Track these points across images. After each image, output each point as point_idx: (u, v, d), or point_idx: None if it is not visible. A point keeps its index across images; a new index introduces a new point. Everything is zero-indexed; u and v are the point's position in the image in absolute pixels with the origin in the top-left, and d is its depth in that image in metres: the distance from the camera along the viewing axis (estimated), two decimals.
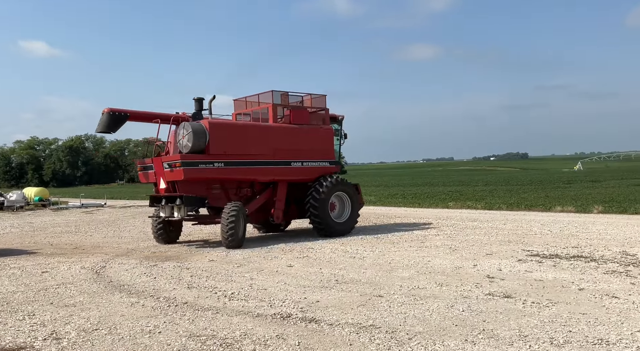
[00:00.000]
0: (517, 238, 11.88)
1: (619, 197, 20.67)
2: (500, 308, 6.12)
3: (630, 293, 6.51)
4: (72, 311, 6.57)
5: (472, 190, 32.07)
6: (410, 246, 11.16)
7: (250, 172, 12.30)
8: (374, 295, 6.97)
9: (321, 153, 13.30)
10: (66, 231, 16.80)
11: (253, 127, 12.61)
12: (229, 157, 11.84)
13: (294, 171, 12.85)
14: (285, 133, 12.83)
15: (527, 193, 27.25)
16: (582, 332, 5.14)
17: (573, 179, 43.73)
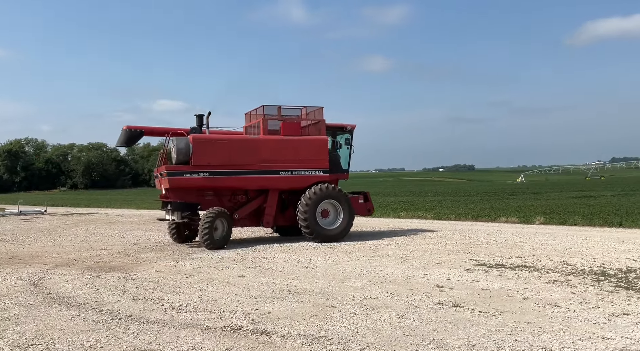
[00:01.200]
0: (465, 248, 12.20)
1: (559, 209, 21.69)
2: (450, 317, 6.23)
3: (571, 302, 6.79)
4: (5, 325, 6.15)
5: (422, 200, 32.80)
6: (363, 256, 11.22)
7: (236, 181, 13.44)
8: (326, 305, 6.93)
9: (313, 162, 13.99)
10: (2, 240, 15.81)
11: (237, 140, 13.70)
12: (213, 168, 13.07)
13: (283, 180, 13.76)
14: (272, 145, 13.79)
15: (473, 203, 28.14)
16: (527, 341, 5.31)
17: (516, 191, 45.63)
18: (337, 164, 14.92)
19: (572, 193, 36.83)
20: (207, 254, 11.92)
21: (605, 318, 6.04)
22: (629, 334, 5.42)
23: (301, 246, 13.16)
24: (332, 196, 13.84)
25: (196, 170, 12.94)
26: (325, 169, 14.09)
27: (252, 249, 12.70)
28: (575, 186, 53.00)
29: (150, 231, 17.89)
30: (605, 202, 25.23)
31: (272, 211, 13.89)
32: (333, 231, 13.83)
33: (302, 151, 13.91)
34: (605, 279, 8.19)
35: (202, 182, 13.06)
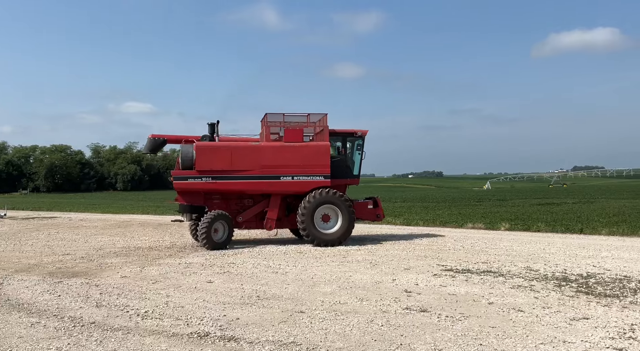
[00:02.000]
0: (433, 253, 12.38)
1: (523, 215, 22.28)
2: (417, 322, 6.31)
3: (534, 307, 6.97)
4: None
5: (392, 206, 33.12)
6: (333, 261, 11.25)
7: (238, 185, 14.22)
8: (295, 310, 6.91)
9: (314, 168, 14.29)
10: None
11: (238, 147, 14.38)
12: (215, 173, 13.95)
13: (284, 184, 14.25)
14: (273, 151, 14.35)
15: (441, 209, 28.60)
16: (492, 345, 5.42)
17: (483, 197, 46.64)
18: (346, 170, 15.10)
19: (536, 200, 37.88)
20: (174, 260, 11.72)
21: (567, 322, 6.23)
22: (589, 338, 5.60)
23: (271, 251, 13.09)
24: (331, 201, 14.12)
25: (199, 175, 13.94)
26: (327, 175, 14.34)
27: (221, 254, 12.56)
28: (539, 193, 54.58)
29: (115, 236, 17.46)
30: (567, 209, 26.05)
31: (274, 215, 14.40)
32: (331, 235, 14.07)
33: (303, 157, 14.31)
34: (567, 284, 8.45)
35: (206, 186, 14.02)
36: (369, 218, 15.21)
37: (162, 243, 15.14)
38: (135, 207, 36.55)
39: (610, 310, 6.74)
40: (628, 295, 7.63)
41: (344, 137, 15.25)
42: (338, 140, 15.17)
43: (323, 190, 14.13)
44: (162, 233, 18.29)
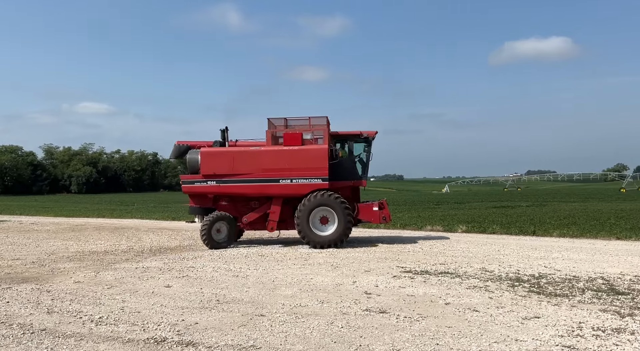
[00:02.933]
0: (392, 255, 12.57)
1: (479, 218, 22.92)
2: (376, 323, 6.39)
3: (489, 307, 7.19)
4: None
5: None
6: (294, 264, 11.24)
7: (240, 188, 14.82)
8: (255, 314, 6.87)
9: (312, 171, 14.52)
10: None
11: (239, 152, 15.04)
12: (219, 177, 14.71)
13: (283, 187, 14.63)
14: (272, 155, 14.82)
15: (402, 212, 29.07)
16: (448, 344, 5.56)
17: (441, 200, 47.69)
18: (351, 171, 15.26)
19: (492, 203, 39.06)
20: (131, 264, 11.42)
21: (519, 321, 6.45)
22: (539, 336, 5.83)
23: (232, 254, 12.96)
24: (326, 203, 14.26)
25: (205, 179, 14.80)
26: (325, 177, 14.44)
27: (180, 258, 12.34)
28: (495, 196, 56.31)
29: (68, 240, 16.85)
30: (521, 212, 26.99)
31: (276, 217, 14.86)
32: (326, 237, 14.23)
33: (301, 160, 14.63)
34: (520, 284, 8.76)
35: (211, 189, 14.86)
36: (374, 221, 15.24)
37: (118, 247, 14.72)
38: (90, 210, 35.39)
39: (560, 309, 7.03)
40: (576, 294, 7.98)
41: (350, 139, 15.43)
42: (344, 142, 15.41)
43: (319, 192, 14.32)
44: (118, 237, 17.79)
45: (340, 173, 14.97)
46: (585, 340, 5.66)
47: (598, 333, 5.87)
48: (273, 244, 15.42)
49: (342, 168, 15.04)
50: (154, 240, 16.66)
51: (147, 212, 32.43)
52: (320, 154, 14.66)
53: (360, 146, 15.52)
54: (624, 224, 18.22)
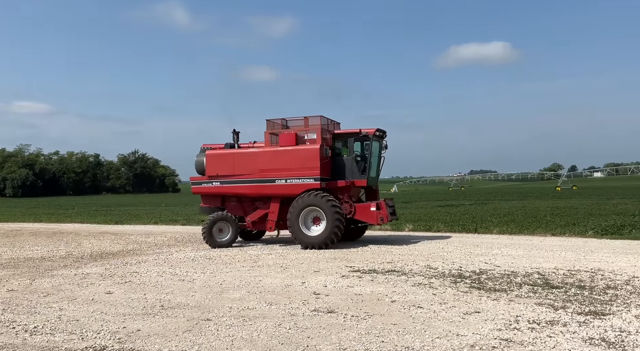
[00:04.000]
0: (342, 255, 12.69)
1: (425, 217, 23.56)
2: (324, 323, 6.43)
3: (432, 303, 7.40)
4: None
5: None
6: (243, 266, 11.12)
7: (241, 188, 15.30)
8: (201, 318, 6.73)
9: (305, 171, 14.45)
10: None
11: (239, 153, 15.53)
12: (222, 178, 15.33)
13: (278, 187, 14.80)
14: (268, 155, 15.06)
15: None
16: (393, 341, 5.67)
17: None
18: (350, 170, 14.91)
19: (437, 202, 40.27)
20: (70, 271, 10.91)
21: (460, 316, 6.68)
22: (479, 330, 6.05)
23: (178, 258, 12.65)
24: (315, 203, 14.13)
25: (210, 180, 15.47)
26: (317, 177, 14.32)
27: (123, 263, 11.91)
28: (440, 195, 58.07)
29: (2, 247, 15.88)
30: (464, 210, 27.98)
31: (274, 217, 15.04)
32: (314, 238, 14.13)
33: (294, 160, 14.64)
34: (462, 280, 9.07)
35: (215, 190, 15.51)
36: (372, 221, 14.82)
37: (56, 253, 14.02)
38: (26, 214, 33.52)
39: (499, 304, 7.34)
40: (514, 289, 8.35)
41: (349, 137, 15.21)
42: (344, 141, 15.28)
43: (307, 193, 14.23)
44: (56, 242, 16.95)
45: (339, 172, 14.85)
46: (522, 332, 5.93)
47: (533, 326, 6.17)
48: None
49: (341, 167, 14.91)
50: (95, 245, 16.01)
51: (88, 216, 31.11)
52: (311, 154, 14.56)
53: (359, 144, 15.29)
54: (558, 221, 19.27)
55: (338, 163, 15.01)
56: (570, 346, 5.41)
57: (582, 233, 16.48)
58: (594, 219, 19.42)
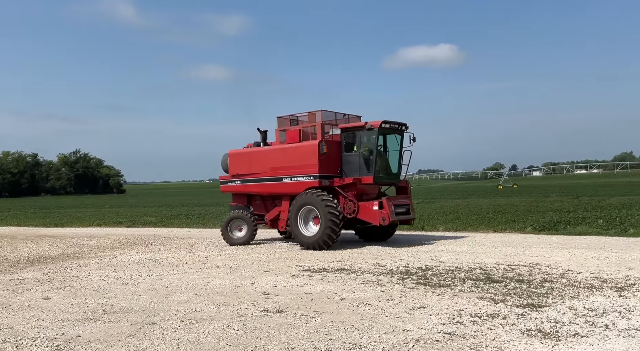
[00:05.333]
0: (292, 255, 12.68)
1: None
2: (273, 323, 6.40)
3: (380, 300, 7.53)
4: None
5: None
6: (191, 268, 10.89)
7: (255, 187, 15.36)
8: (146, 322, 6.54)
9: (306, 168, 14.02)
10: None
11: (253, 152, 15.53)
12: (241, 177, 15.55)
13: (285, 185, 14.51)
14: (275, 154, 14.93)
15: None
16: (341, 339, 5.72)
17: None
18: (355, 167, 14.01)
19: None
20: (4, 276, 10.30)
21: (407, 312, 6.84)
22: (424, 325, 6.22)
23: (122, 261, 12.22)
24: (310, 202, 13.65)
25: (233, 179, 15.78)
26: (315, 175, 13.82)
27: (63, 267, 11.37)
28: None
29: None
30: None
31: (285, 216, 14.63)
32: (309, 238, 13.68)
33: (296, 158, 14.30)
34: (409, 277, 9.29)
35: (237, 188, 15.81)
36: (373, 221, 13.62)
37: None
38: None
39: (443, 299, 7.57)
40: (458, 284, 8.64)
41: (355, 131, 14.16)
42: (351, 135, 14.22)
43: (305, 191, 13.78)
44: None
45: (349, 169, 14.14)
46: (464, 326, 6.14)
47: (475, 319, 6.40)
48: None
49: (350, 163, 14.15)
50: (33, 249, 15.19)
51: (25, 218, 29.51)
52: (310, 150, 13.94)
53: (366, 138, 14.06)
54: (500, 218, 20.11)
55: (347, 159, 14.25)
56: (509, 337, 5.66)
57: (521, 229, 17.29)
58: (533, 216, 20.42)
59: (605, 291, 7.78)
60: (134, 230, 22.02)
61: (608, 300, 7.25)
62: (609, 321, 6.14)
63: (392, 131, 14.53)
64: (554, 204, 27.57)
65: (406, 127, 14.52)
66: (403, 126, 14.47)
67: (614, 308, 6.74)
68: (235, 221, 15.25)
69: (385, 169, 14.57)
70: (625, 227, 16.37)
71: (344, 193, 13.89)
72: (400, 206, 14.08)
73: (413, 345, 5.45)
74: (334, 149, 14.31)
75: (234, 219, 15.24)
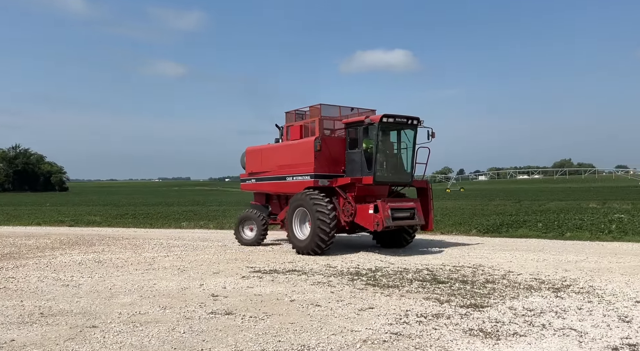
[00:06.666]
0: (243, 256, 12.54)
1: None
2: (221, 325, 6.30)
3: (330, 301, 7.57)
4: None
5: (207, 210, 32.61)
6: (136, 270, 10.55)
7: (266, 185, 14.85)
8: (86, 325, 6.27)
9: (304, 167, 13.30)
10: None
11: (264, 149, 15.00)
12: (256, 175, 15.05)
13: (289, 185, 13.82)
14: (280, 151, 14.41)
15: None
16: (289, 340, 5.71)
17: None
18: (357, 166, 12.80)
19: None
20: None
21: (355, 312, 6.91)
22: (372, 325, 6.30)
23: (63, 262, 11.68)
24: (302, 204, 12.82)
25: (250, 177, 15.34)
26: (311, 174, 13.01)
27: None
28: None
29: None
30: None
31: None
32: (301, 242, 12.87)
33: (297, 156, 13.61)
34: (359, 278, 9.40)
35: (253, 187, 15.30)
36: (367, 226, 12.46)
37: None
38: None
39: (391, 299, 7.70)
40: (405, 284, 8.82)
41: (357, 126, 12.90)
42: (354, 131, 13.03)
43: (301, 192, 12.97)
44: None
45: (352, 168, 13.01)
46: (410, 326, 6.28)
47: (421, 319, 6.56)
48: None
49: (353, 162, 13.00)
50: None
51: None
52: (306, 148, 13.08)
53: (367, 134, 12.71)
54: (447, 221, 20.71)
55: (351, 157, 13.07)
56: (452, 337, 5.83)
57: (467, 232, 17.89)
58: (477, 219, 21.17)
59: (543, 292, 8.16)
60: (76, 230, 21.11)
61: (545, 300, 7.61)
62: (545, 321, 6.45)
63: (400, 126, 13.05)
64: (497, 208, 28.69)
65: (419, 121, 12.87)
66: (413, 121, 12.78)
67: (550, 308, 7.08)
68: (247, 221, 14.93)
69: (393, 168, 13.08)
70: (563, 230, 17.26)
71: (343, 194, 12.90)
72: (401, 210, 12.49)
73: (360, 346, 5.52)
74: (337, 147, 13.28)
75: (246, 218, 14.94)
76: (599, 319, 6.51)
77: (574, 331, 5.98)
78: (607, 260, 11.45)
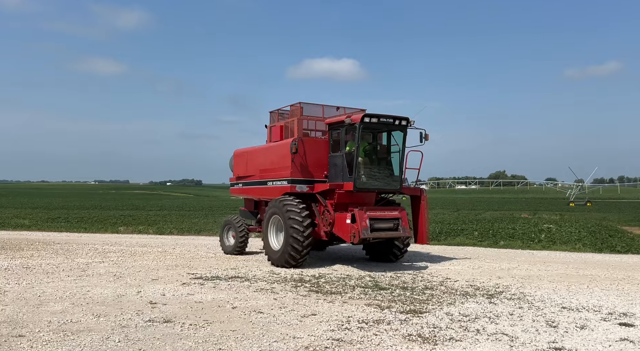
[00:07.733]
0: (184, 262, 12.22)
1: None
2: (159, 333, 6.10)
3: (272, 308, 7.53)
4: None
5: (146, 214, 31.52)
6: (68, 276, 10.02)
7: (250, 191, 13.90)
8: (12, 335, 5.89)
9: (282, 171, 12.26)
10: None
11: (248, 152, 14.15)
12: (241, 179, 14.23)
13: (269, 190, 12.82)
14: (261, 154, 13.57)
15: (198, 218, 28.57)
16: (230, 348, 5.62)
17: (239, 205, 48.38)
18: (339, 171, 11.55)
19: None
20: None
21: (298, 319, 6.91)
22: (314, 332, 6.33)
23: None
24: (277, 211, 11.67)
25: (237, 181, 14.51)
26: (288, 179, 11.83)
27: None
28: None
29: None
30: None
31: None
32: (275, 253, 11.72)
33: (276, 159, 12.66)
34: (302, 284, 9.41)
35: (240, 192, 14.41)
36: (344, 236, 11.32)
37: None
38: None
39: (334, 305, 7.77)
40: (348, 291, 8.93)
41: (340, 128, 11.66)
42: (336, 132, 11.80)
43: (276, 198, 11.95)
44: None
45: (334, 173, 11.76)
46: (352, 332, 6.35)
47: (362, 325, 6.66)
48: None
49: (335, 166, 11.79)
50: None
51: None
52: (284, 151, 12.02)
53: (349, 136, 11.62)
54: None
55: (333, 161, 11.90)
56: (392, 342, 5.95)
57: None
58: None
59: (478, 298, 8.52)
60: (2, 233, 19.78)
61: (480, 306, 7.94)
62: (480, 326, 6.73)
63: (387, 127, 11.84)
64: (436, 217, 29.67)
65: (409, 122, 11.59)
66: (401, 121, 11.51)
67: (484, 314, 7.40)
68: (231, 227, 14.12)
69: (378, 174, 11.72)
70: (497, 239, 18.11)
71: (323, 202, 11.79)
72: (383, 220, 11.17)
73: None
74: (320, 149, 12.12)
75: (228, 224, 14.20)
76: (529, 324, 6.87)
77: (505, 336, 6.28)
78: (537, 268, 12.12)
